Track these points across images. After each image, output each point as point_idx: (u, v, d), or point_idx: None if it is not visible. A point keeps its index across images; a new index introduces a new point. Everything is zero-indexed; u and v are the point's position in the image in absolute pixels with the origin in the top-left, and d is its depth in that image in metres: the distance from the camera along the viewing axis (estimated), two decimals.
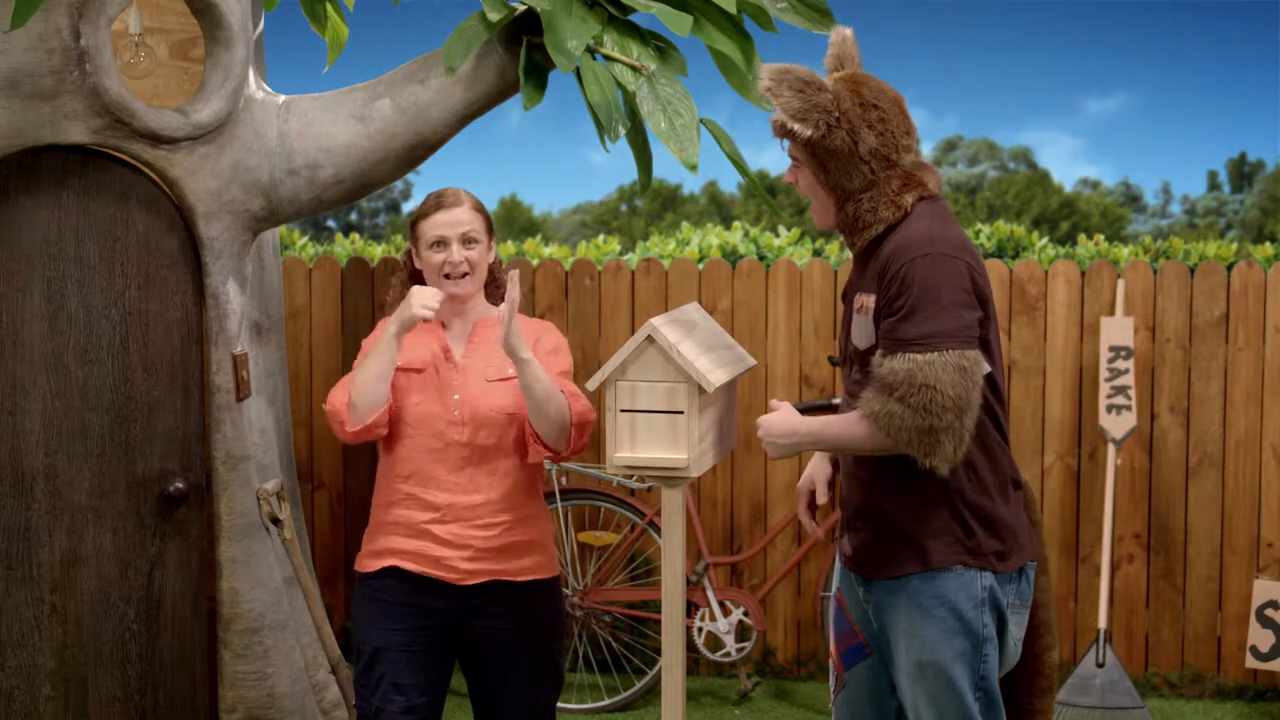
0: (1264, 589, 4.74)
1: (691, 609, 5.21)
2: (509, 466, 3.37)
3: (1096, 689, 4.91)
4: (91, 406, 3.57)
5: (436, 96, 3.72)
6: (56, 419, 3.55)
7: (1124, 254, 6.73)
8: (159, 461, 3.66)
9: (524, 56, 3.54)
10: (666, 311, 3.31)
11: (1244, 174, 26.75)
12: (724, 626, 5.19)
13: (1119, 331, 5.21)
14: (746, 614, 5.24)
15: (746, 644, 5.24)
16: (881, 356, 2.84)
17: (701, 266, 5.53)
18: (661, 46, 3.59)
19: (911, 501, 2.93)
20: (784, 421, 2.99)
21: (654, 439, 3.08)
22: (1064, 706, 4.89)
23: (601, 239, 7.24)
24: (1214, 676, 5.34)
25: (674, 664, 3.17)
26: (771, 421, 3.00)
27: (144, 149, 3.56)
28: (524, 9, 3.59)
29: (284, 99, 3.81)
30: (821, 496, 3.22)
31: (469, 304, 3.44)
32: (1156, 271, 5.36)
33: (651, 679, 5.21)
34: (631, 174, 7.31)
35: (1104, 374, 5.18)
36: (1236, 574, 5.31)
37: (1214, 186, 27.62)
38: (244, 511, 3.75)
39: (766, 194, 3.51)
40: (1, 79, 3.38)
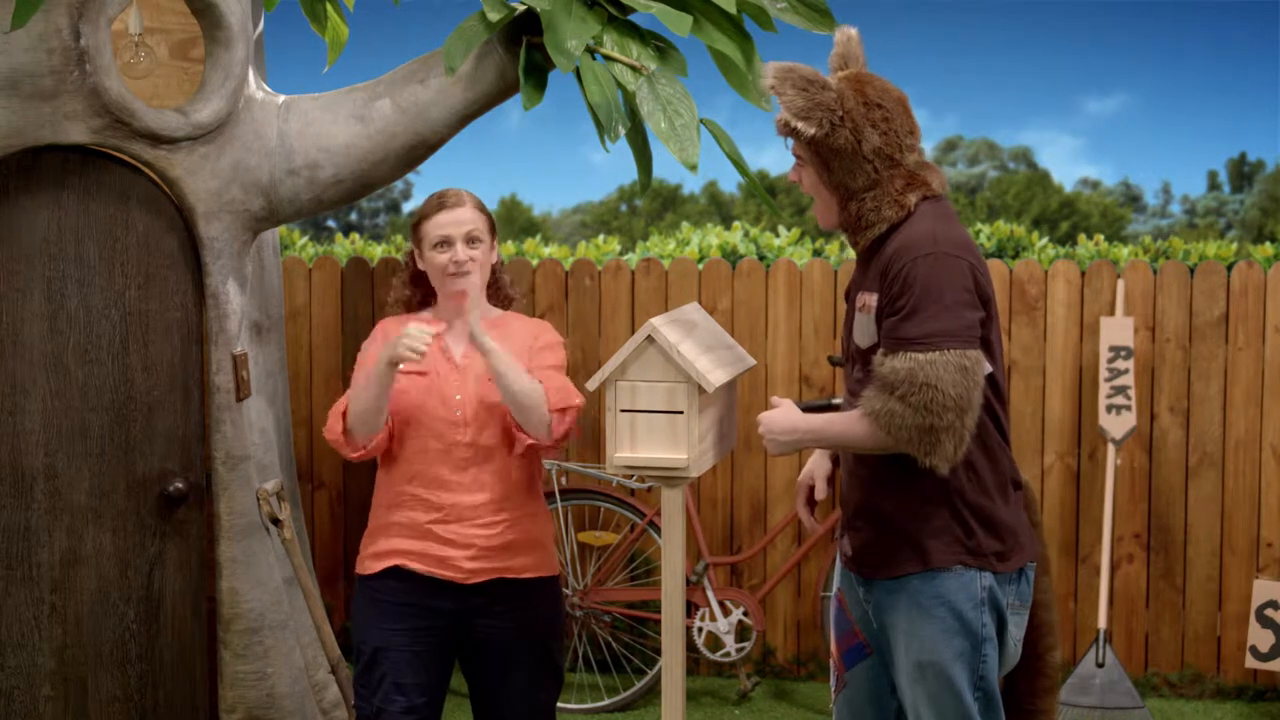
0: (1264, 589, 4.74)
1: (691, 609, 5.21)
2: (510, 465, 3.37)
3: (1096, 689, 4.91)
4: (91, 406, 3.57)
5: (436, 96, 3.72)
6: (56, 419, 3.55)
7: (1124, 254, 6.73)
8: (159, 461, 3.66)
9: (524, 56, 3.54)
10: (666, 311, 3.31)
11: (1244, 174, 26.75)
12: (724, 626, 5.18)
13: (1119, 331, 5.21)
14: (746, 614, 5.23)
15: (746, 644, 5.24)
16: (883, 355, 2.84)
17: (701, 266, 5.53)
18: (661, 46, 3.59)
19: (912, 501, 2.93)
20: (785, 418, 2.99)
21: (654, 439, 3.07)
22: (1064, 706, 4.89)
23: (601, 239, 7.24)
24: (1214, 676, 5.34)
25: (674, 664, 3.17)
26: (772, 418, 3.00)
27: (144, 149, 3.56)
28: (524, 9, 3.58)
29: (284, 99, 3.81)
30: (821, 492, 3.22)
31: (470, 304, 3.43)
32: (1156, 271, 5.36)
33: (651, 679, 5.21)
34: (631, 174, 7.30)
35: (1104, 374, 5.18)
36: (1236, 574, 5.31)
37: (1214, 186, 27.63)
38: (244, 511, 3.75)
39: (766, 194, 3.50)
40: (1, 79, 3.38)
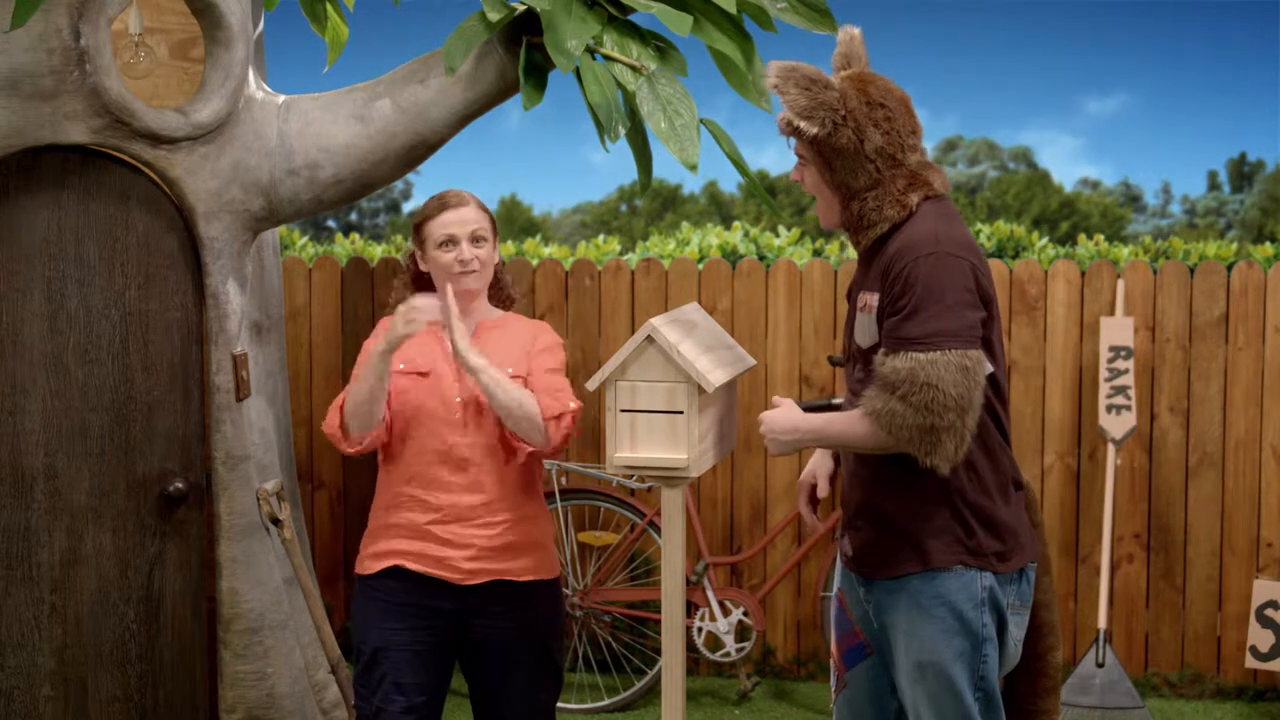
0: (1264, 589, 4.74)
1: (691, 609, 5.21)
2: (509, 466, 3.37)
3: (1096, 689, 4.91)
4: (91, 406, 3.57)
5: (436, 96, 3.72)
6: (56, 419, 3.55)
7: (1124, 254, 6.73)
8: (159, 461, 3.66)
9: (524, 56, 3.54)
10: (666, 311, 3.31)
11: (1244, 174, 26.74)
12: (724, 626, 5.18)
13: (1119, 331, 5.21)
14: (746, 614, 5.23)
15: (746, 644, 5.24)
16: (884, 355, 2.84)
17: (701, 266, 5.53)
18: (661, 46, 3.59)
19: (912, 501, 2.93)
20: (786, 418, 2.99)
21: (654, 439, 3.07)
22: (1064, 706, 4.89)
23: (601, 239, 7.24)
24: (1214, 676, 5.34)
25: (674, 664, 3.16)
26: (774, 418, 3.00)
27: (144, 149, 3.56)
28: (524, 9, 3.58)
29: (284, 99, 3.81)
30: (822, 490, 3.22)
31: (472, 305, 3.44)
32: (1156, 271, 5.36)
33: (651, 679, 5.21)
34: (631, 174, 7.30)
35: (1104, 374, 5.18)
36: (1236, 574, 5.31)
37: (1214, 186, 27.62)
38: (244, 511, 3.75)
39: (766, 194, 3.50)
40: (1, 79, 3.38)
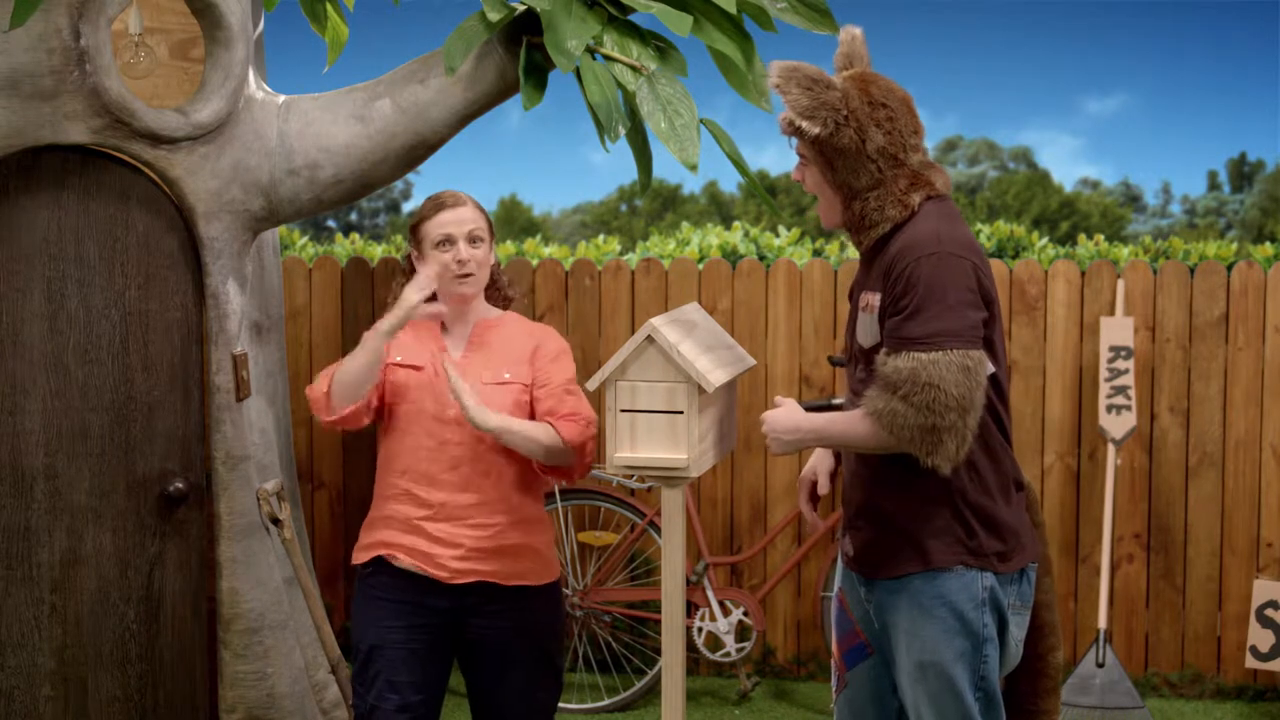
0: (1264, 589, 4.74)
1: (691, 609, 5.21)
2: (505, 468, 3.36)
3: (1096, 689, 4.91)
4: (91, 406, 3.57)
5: (436, 96, 3.72)
6: (56, 419, 3.55)
7: (1124, 254, 6.73)
8: (159, 461, 3.66)
9: (524, 56, 3.54)
10: (666, 311, 3.31)
11: (1244, 174, 26.73)
12: (724, 626, 5.18)
13: (1119, 331, 5.21)
14: (746, 614, 5.23)
15: (746, 644, 5.24)
16: (886, 355, 2.84)
17: (701, 266, 5.53)
18: (661, 46, 3.59)
19: (913, 501, 2.93)
20: (788, 418, 2.98)
21: (654, 439, 3.07)
22: (1064, 706, 4.89)
23: (601, 239, 7.24)
24: (1214, 676, 5.34)
25: (674, 664, 3.16)
26: (775, 417, 3.00)
27: (144, 149, 3.56)
28: (524, 9, 3.58)
29: (284, 99, 3.81)
30: (823, 487, 3.22)
31: (469, 305, 3.44)
32: (1156, 271, 5.36)
33: (651, 679, 5.21)
34: (631, 174, 7.30)
35: (1104, 374, 5.17)
36: (1236, 574, 5.31)
37: (1214, 186, 27.60)
38: (244, 511, 3.75)
39: (766, 194, 3.50)
40: (1, 79, 3.38)
